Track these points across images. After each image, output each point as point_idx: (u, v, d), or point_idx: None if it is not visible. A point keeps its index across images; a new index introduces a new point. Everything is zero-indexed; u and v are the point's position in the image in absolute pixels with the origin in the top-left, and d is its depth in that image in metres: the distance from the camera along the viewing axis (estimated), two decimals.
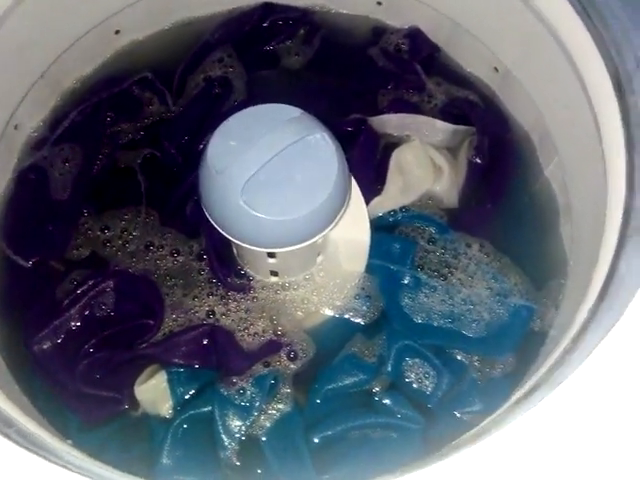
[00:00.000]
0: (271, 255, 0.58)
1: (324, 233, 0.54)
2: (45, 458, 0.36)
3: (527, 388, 0.43)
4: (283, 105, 0.53)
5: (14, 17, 0.60)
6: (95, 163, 0.70)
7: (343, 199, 0.54)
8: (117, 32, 0.75)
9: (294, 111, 0.53)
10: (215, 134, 0.52)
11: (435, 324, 0.62)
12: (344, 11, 0.80)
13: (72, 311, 0.61)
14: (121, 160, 0.70)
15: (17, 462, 0.36)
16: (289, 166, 0.51)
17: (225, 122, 0.52)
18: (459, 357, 0.61)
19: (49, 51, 0.68)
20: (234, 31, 0.78)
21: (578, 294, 0.52)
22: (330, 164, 0.51)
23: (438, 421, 0.59)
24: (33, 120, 0.71)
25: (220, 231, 0.53)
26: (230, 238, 0.53)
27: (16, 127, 0.68)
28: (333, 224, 0.54)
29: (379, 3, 0.78)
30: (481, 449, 0.39)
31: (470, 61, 0.76)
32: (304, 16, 0.79)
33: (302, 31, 0.80)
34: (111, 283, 0.63)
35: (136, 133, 0.72)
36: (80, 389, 0.58)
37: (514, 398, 0.44)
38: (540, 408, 0.39)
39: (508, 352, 0.61)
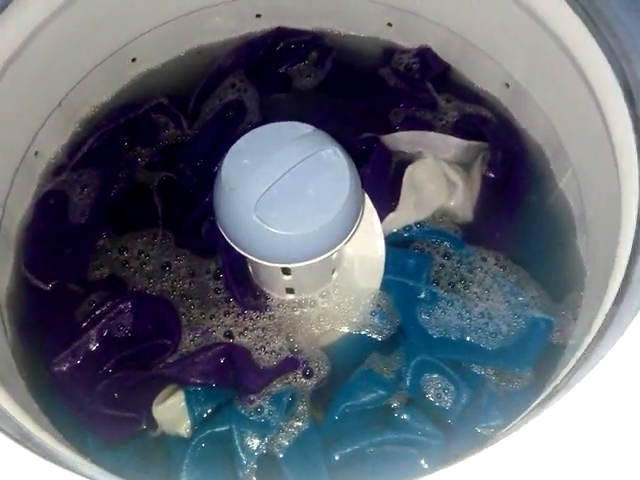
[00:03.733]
0: (286, 272, 0.58)
1: (338, 247, 0.54)
2: (68, 468, 0.37)
3: (543, 397, 0.43)
4: (295, 122, 0.54)
5: (33, 47, 0.62)
6: (113, 187, 0.71)
7: (357, 213, 0.54)
8: (133, 60, 0.77)
9: (306, 128, 0.53)
10: (228, 154, 0.53)
11: (452, 338, 0.62)
12: (354, 33, 0.82)
13: (91, 332, 0.62)
14: (138, 183, 0.71)
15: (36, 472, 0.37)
16: (302, 181, 0.51)
17: (238, 142, 0.53)
18: (477, 371, 0.61)
19: (67, 80, 0.70)
20: (247, 56, 0.79)
21: (595, 303, 0.52)
22: (342, 178, 0.52)
23: (458, 437, 0.58)
24: (52, 147, 0.73)
25: (235, 247, 0.54)
26: (244, 254, 0.54)
27: (36, 154, 0.70)
28: (347, 238, 0.54)
29: (389, 24, 0.79)
30: (491, 456, 0.38)
31: (481, 78, 0.77)
32: (315, 39, 0.81)
33: (314, 54, 0.81)
34: (129, 304, 0.63)
35: (152, 157, 0.73)
36: (99, 409, 0.59)
37: (530, 408, 0.43)
38: (554, 414, 0.38)
39: (527, 365, 0.61)
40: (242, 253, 0.54)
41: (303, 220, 0.50)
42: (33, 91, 0.65)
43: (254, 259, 0.53)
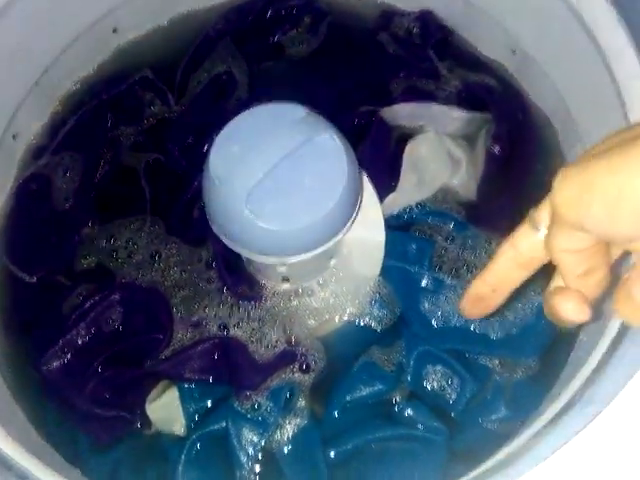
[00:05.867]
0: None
1: (336, 240, 0.51)
2: None
3: (563, 403, 0.40)
4: (287, 104, 0.50)
5: (4, 22, 0.57)
6: (97, 170, 0.67)
7: (354, 203, 0.50)
8: (114, 31, 0.72)
9: (299, 110, 0.49)
10: (216, 140, 0.49)
11: (456, 327, 0.59)
12: None
13: (79, 327, 0.59)
14: (124, 165, 0.68)
15: None
16: (296, 170, 0.47)
17: (226, 127, 0.49)
18: (482, 362, 0.58)
19: (43, 56, 0.66)
20: (236, 23, 0.74)
21: (611, 297, 0.49)
22: (339, 166, 0.48)
23: (463, 431, 0.56)
24: (32, 128, 0.69)
25: (226, 243, 0.51)
26: (237, 249, 0.51)
27: (14, 137, 0.66)
28: (345, 229, 0.51)
29: None
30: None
31: (485, 44, 0.72)
32: (309, 4, 0.75)
33: (307, 19, 0.76)
34: (117, 297, 0.60)
35: (138, 136, 0.69)
36: (90, 409, 0.56)
37: (549, 413, 0.41)
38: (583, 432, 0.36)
39: (533, 353, 0.58)
40: (234, 249, 0.51)
41: (299, 213, 0.47)
42: (7, 70, 0.61)
43: (247, 255, 0.50)
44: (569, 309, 0.36)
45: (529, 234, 0.37)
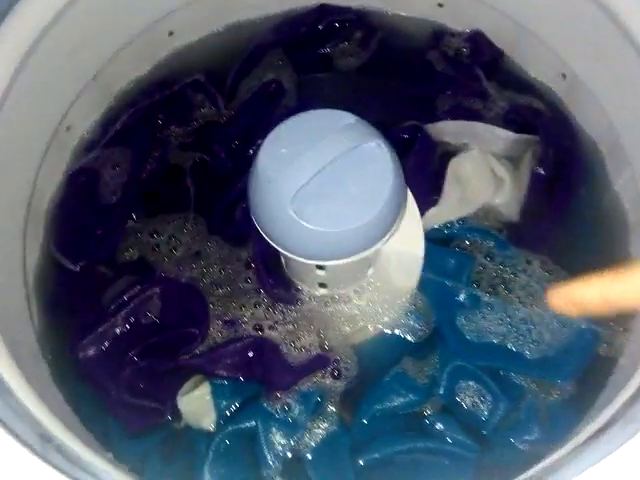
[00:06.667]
0: (320, 267, 0.56)
1: (376, 247, 0.51)
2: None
3: (599, 425, 0.40)
4: (337, 111, 0.50)
5: (67, 18, 0.59)
6: (145, 166, 0.69)
7: (397, 212, 0.51)
8: (171, 34, 0.74)
9: (348, 117, 0.50)
10: (266, 141, 0.50)
11: (492, 344, 0.59)
12: (402, 13, 0.77)
13: (117, 317, 0.60)
14: (171, 164, 0.69)
15: None
16: (342, 175, 0.48)
17: (276, 129, 0.50)
18: (517, 381, 0.58)
19: (102, 53, 0.68)
20: (288, 33, 0.76)
21: None
22: (385, 174, 0.49)
23: (493, 449, 0.55)
24: (85, 122, 0.71)
25: (269, 241, 0.51)
26: (278, 249, 0.51)
27: (68, 129, 0.68)
28: (386, 238, 0.51)
29: (440, 5, 0.75)
30: None
31: (535, 66, 0.72)
32: (360, 18, 0.77)
33: (358, 34, 0.77)
34: (157, 290, 0.61)
35: (187, 136, 0.71)
36: (123, 398, 0.57)
37: (583, 434, 0.41)
38: (618, 452, 0.35)
39: (570, 377, 0.58)
40: (275, 247, 0.51)
41: (342, 217, 0.47)
42: (66, 64, 0.63)
43: (288, 254, 0.51)
44: None
45: None
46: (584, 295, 0.37)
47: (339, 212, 0.47)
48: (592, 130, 0.68)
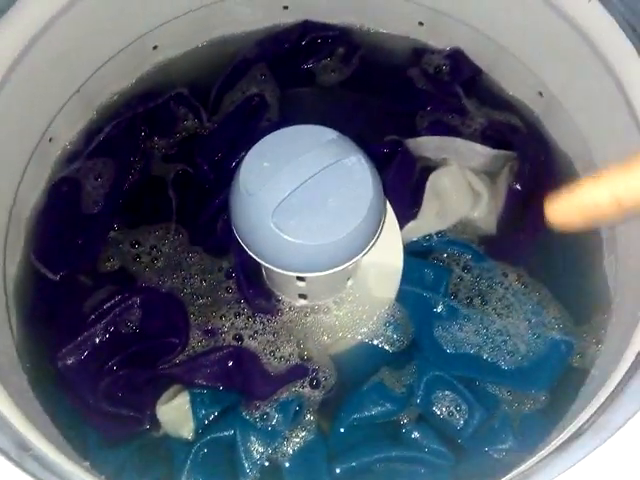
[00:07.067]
0: (300, 279, 0.56)
1: (355, 260, 0.52)
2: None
3: (570, 433, 0.41)
4: (318, 126, 0.52)
5: (52, 32, 0.60)
6: (128, 177, 0.69)
7: (377, 226, 0.52)
8: (155, 47, 0.75)
9: (330, 133, 0.51)
10: (248, 155, 0.51)
11: (468, 355, 0.60)
12: (384, 30, 0.79)
13: (97, 327, 0.60)
14: (153, 175, 0.70)
15: None
16: (323, 189, 0.49)
17: (258, 143, 0.51)
18: (492, 391, 0.59)
19: (86, 66, 0.68)
20: (272, 49, 0.77)
21: (624, 333, 0.50)
22: (365, 189, 0.50)
23: (468, 458, 0.56)
24: (68, 133, 0.71)
25: (250, 253, 0.52)
26: (259, 261, 0.52)
27: (50, 140, 0.68)
28: (365, 251, 0.52)
29: (420, 23, 0.76)
30: None
31: (513, 84, 0.74)
32: (343, 35, 0.78)
33: (340, 50, 0.78)
34: (137, 300, 0.62)
35: (170, 148, 0.72)
36: (102, 406, 0.58)
37: (556, 442, 0.42)
38: (589, 458, 0.36)
39: (543, 387, 0.59)
40: (256, 259, 0.52)
41: (321, 230, 0.48)
42: (52, 76, 0.63)
43: (268, 266, 0.51)
44: None
45: None
46: (591, 198, 0.31)
47: (319, 225, 0.48)
48: (568, 148, 0.70)
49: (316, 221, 0.48)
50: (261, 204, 0.48)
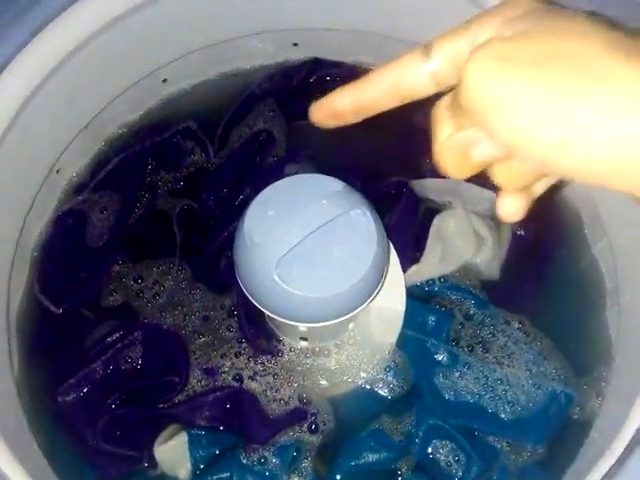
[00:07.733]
0: None
1: (358, 310, 0.52)
2: None
3: None
4: (324, 176, 0.52)
5: (65, 70, 0.60)
6: (133, 211, 0.70)
7: (380, 278, 0.52)
8: (164, 80, 0.75)
9: (336, 184, 0.51)
10: (254, 203, 0.51)
11: (468, 404, 0.60)
12: None
13: (98, 362, 0.61)
14: (158, 209, 0.70)
15: None
16: (327, 241, 0.49)
17: (264, 191, 0.51)
18: (490, 442, 0.59)
19: (97, 101, 0.69)
20: (280, 84, 0.78)
21: (628, 388, 0.49)
22: (369, 241, 0.50)
23: None
24: (75, 164, 0.71)
25: (252, 301, 0.52)
26: (263, 310, 0.52)
27: (58, 171, 0.68)
28: (368, 301, 0.52)
29: None
30: None
31: None
32: (352, 73, 0.78)
33: None
34: (139, 336, 0.62)
35: (176, 183, 0.72)
36: (99, 445, 0.58)
37: None
38: None
39: (542, 440, 0.59)
40: (259, 307, 0.52)
41: (325, 282, 0.48)
42: (61, 113, 0.64)
43: (272, 316, 0.52)
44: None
45: (417, 61, 0.33)
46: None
47: (323, 277, 0.48)
48: (574, 196, 0.70)
49: (320, 273, 0.49)
50: (265, 254, 0.48)
